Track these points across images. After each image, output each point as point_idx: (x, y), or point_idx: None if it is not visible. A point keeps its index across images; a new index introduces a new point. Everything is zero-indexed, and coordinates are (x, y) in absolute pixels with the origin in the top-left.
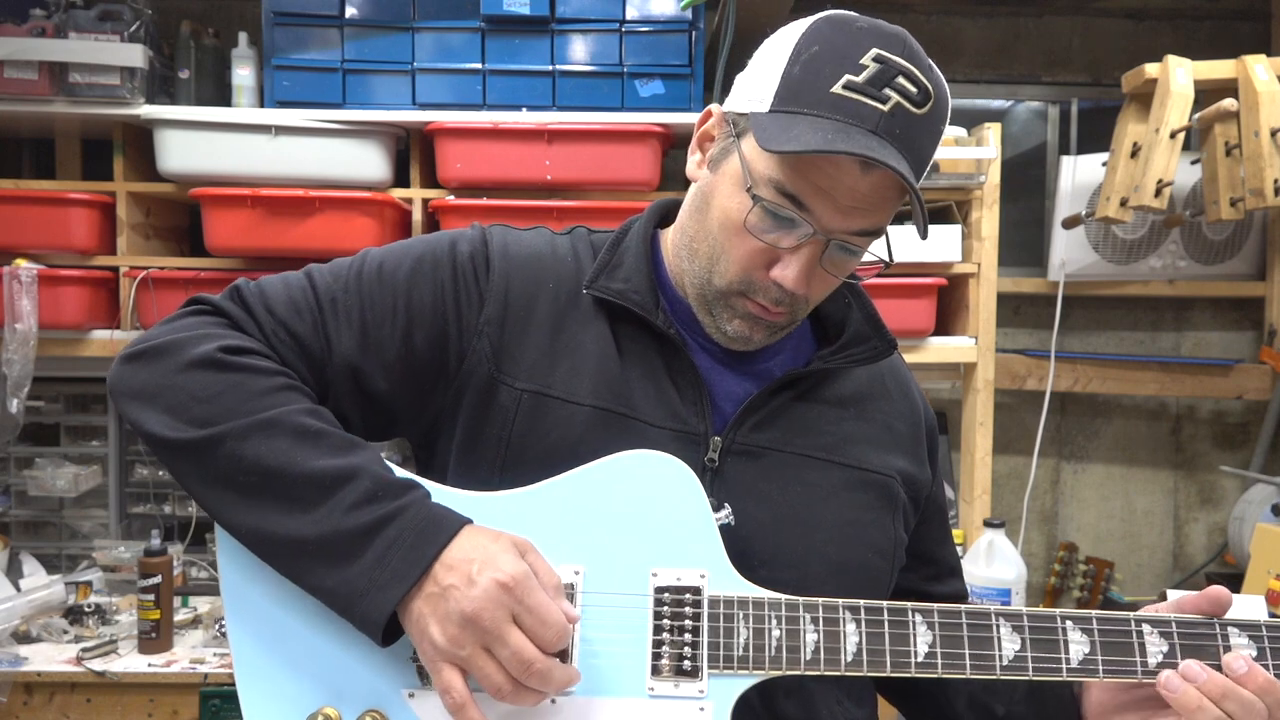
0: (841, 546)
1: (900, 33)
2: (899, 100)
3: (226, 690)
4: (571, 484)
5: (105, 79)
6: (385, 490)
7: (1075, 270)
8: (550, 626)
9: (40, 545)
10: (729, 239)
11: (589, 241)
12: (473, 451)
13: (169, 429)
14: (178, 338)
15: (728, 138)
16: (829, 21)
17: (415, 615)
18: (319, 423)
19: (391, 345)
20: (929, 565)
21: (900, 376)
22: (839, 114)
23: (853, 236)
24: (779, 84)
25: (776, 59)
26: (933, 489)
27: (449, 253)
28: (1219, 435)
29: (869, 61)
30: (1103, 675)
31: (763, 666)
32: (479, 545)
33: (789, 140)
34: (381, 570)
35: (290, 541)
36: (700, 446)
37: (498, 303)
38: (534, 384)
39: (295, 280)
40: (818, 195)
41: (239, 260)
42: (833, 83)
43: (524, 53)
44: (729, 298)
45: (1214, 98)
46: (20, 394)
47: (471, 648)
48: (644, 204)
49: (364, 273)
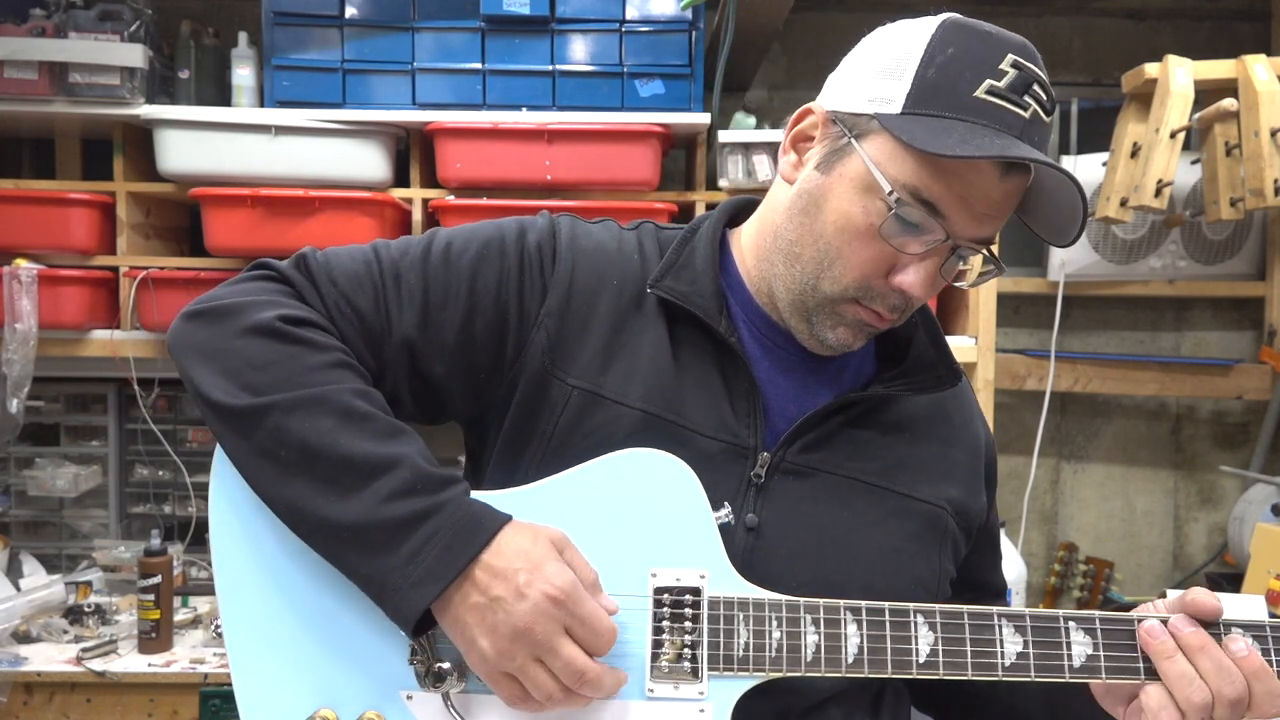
0: (883, 576)
1: (1026, 42)
2: (1036, 108)
3: (226, 690)
4: (571, 483)
5: (105, 79)
6: (424, 483)
7: (1075, 270)
8: (601, 635)
9: (40, 545)
10: (847, 243)
11: (656, 238)
12: (516, 443)
13: (222, 392)
14: (241, 301)
15: (840, 139)
16: (957, 25)
17: (459, 622)
18: (366, 405)
19: (451, 329)
20: (975, 591)
21: (964, 402)
22: (984, 119)
23: (975, 244)
24: (911, 86)
25: (901, 60)
26: (988, 518)
27: (517, 240)
28: (1219, 435)
29: (1008, 68)
30: (1105, 676)
31: (763, 668)
32: (521, 550)
33: (949, 144)
34: (415, 567)
35: (326, 523)
36: (748, 461)
37: (560, 294)
38: (586, 382)
39: (361, 253)
40: (956, 202)
41: (239, 260)
42: (974, 87)
43: (524, 53)
44: (838, 304)
45: (1214, 98)
46: (20, 394)
47: (523, 659)
48: (644, 204)
49: (431, 253)
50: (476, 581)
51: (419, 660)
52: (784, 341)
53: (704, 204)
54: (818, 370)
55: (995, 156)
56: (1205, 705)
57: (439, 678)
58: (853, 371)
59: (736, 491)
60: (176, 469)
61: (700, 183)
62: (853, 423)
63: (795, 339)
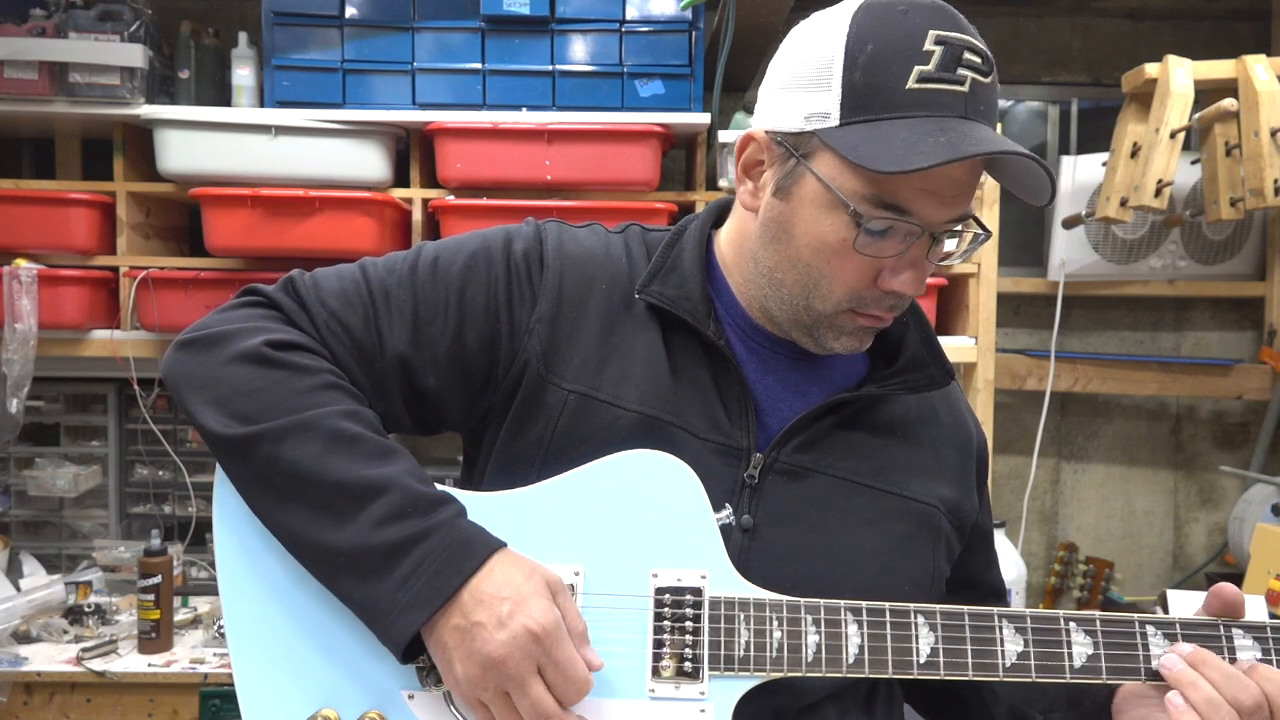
0: (876, 576)
1: (940, 6)
2: (972, 76)
3: (226, 690)
4: (571, 483)
5: (105, 79)
6: (415, 506)
7: (1075, 270)
8: (573, 683)
9: (40, 545)
10: (826, 263)
11: (643, 240)
12: (514, 449)
13: (216, 421)
14: (228, 329)
15: (788, 160)
16: (869, 13)
17: (441, 643)
18: (355, 426)
19: (443, 342)
20: (972, 590)
21: (952, 401)
22: (923, 109)
23: (953, 224)
24: (842, 94)
25: (824, 68)
26: (979, 516)
27: (503, 250)
28: (1219, 435)
29: (933, 46)
30: (1106, 677)
31: (764, 668)
32: (511, 582)
33: (894, 155)
34: (405, 593)
35: (321, 549)
36: (741, 462)
37: (550, 300)
38: (581, 385)
39: (349, 272)
40: (920, 196)
41: (239, 260)
42: (905, 79)
43: (524, 53)
44: (834, 318)
45: (1214, 98)
46: (20, 394)
47: (493, 691)
48: (644, 204)
49: (418, 267)
50: (462, 605)
51: (421, 659)
52: (773, 344)
53: (704, 204)
54: (809, 371)
55: (946, 161)
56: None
57: (440, 677)
58: (844, 371)
59: (730, 493)
60: (176, 469)
61: (700, 183)
62: (845, 423)
63: (784, 340)
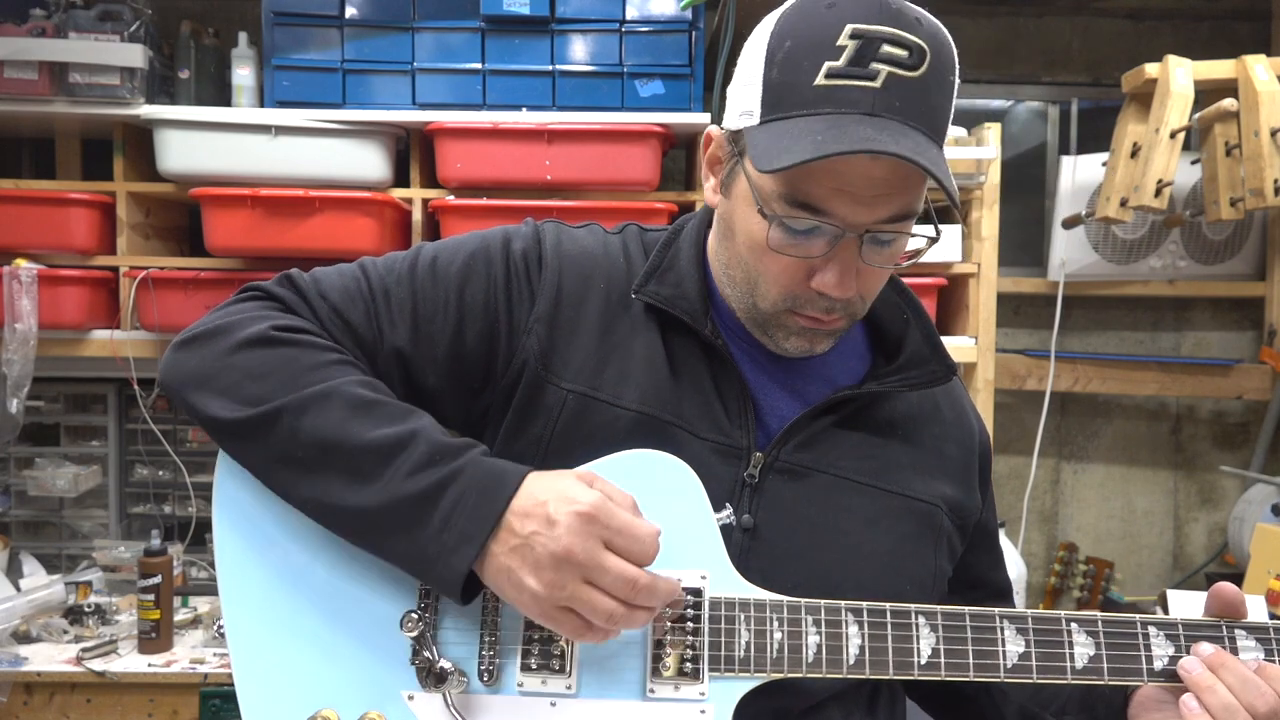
0: (877, 576)
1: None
2: (890, 70)
3: (226, 690)
4: None
5: (105, 79)
6: (442, 452)
7: (1075, 270)
8: (642, 540)
9: (40, 545)
10: (759, 261)
11: (641, 240)
12: (513, 449)
13: (225, 410)
14: (229, 320)
15: (731, 159)
16: (797, 9)
17: (503, 570)
18: (373, 393)
19: (442, 341)
20: (977, 589)
21: (955, 398)
22: (828, 106)
23: (885, 225)
24: (762, 92)
25: (751, 66)
26: (982, 514)
27: (502, 250)
28: (1219, 435)
29: (846, 40)
30: (1108, 678)
31: (764, 669)
32: (546, 486)
33: (780, 154)
34: (449, 533)
35: (355, 513)
36: (741, 461)
37: (549, 300)
38: (580, 385)
39: (349, 270)
40: (833, 196)
41: (239, 260)
42: (814, 75)
43: (524, 53)
44: (778, 317)
45: (1214, 98)
46: (20, 394)
47: (573, 585)
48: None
49: (418, 266)
50: (510, 527)
51: (420, 660)
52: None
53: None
54: (809, 369)
55: (804, 161)
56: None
57: (440, 678)
58: (844, 369)
59: (730, 492)
60: (176, 469)
61: (700, 183)
62: (845, 421)
63: None
